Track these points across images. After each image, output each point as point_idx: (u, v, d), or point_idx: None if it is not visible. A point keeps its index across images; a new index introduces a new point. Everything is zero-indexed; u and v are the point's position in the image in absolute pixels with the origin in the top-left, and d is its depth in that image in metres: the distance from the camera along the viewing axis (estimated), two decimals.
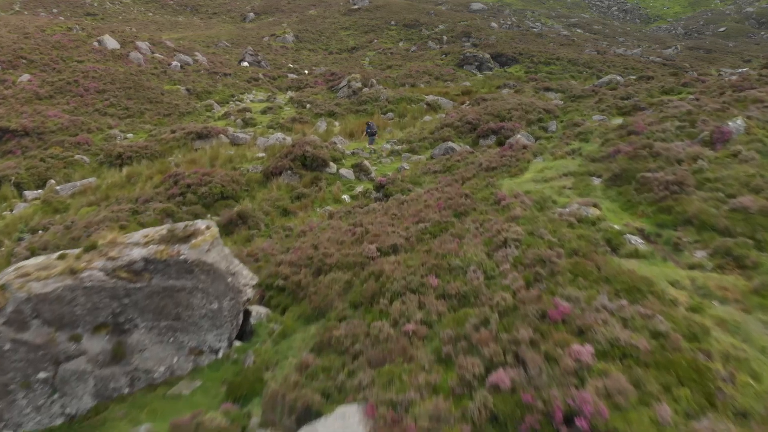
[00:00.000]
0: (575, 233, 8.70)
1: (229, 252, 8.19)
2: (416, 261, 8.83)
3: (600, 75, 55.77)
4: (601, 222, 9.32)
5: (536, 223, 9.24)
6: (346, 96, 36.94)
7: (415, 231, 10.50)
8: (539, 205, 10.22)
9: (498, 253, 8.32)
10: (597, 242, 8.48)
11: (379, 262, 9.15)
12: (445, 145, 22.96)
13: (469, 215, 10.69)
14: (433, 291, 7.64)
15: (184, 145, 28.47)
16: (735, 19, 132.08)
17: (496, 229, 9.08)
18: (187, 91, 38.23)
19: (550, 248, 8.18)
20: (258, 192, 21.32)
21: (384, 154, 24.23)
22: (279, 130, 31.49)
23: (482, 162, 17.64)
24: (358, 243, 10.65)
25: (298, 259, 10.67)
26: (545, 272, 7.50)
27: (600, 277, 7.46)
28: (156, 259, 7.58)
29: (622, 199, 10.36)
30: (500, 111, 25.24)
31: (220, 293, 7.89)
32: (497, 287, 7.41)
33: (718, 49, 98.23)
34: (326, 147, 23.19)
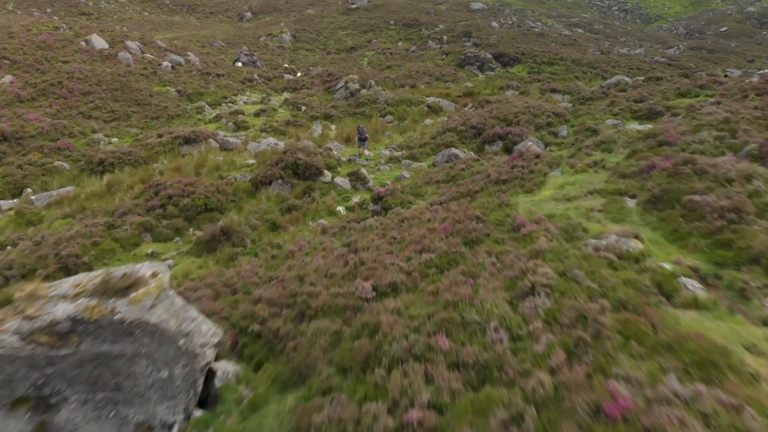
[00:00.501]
0: (619, 277, 6.94)
1: (182, 304, 6.42)
2: (421, 308, 7.08)
3: (605, 75, 54.04)
4: (647, 259, 7.57)
5: (567, 260, 7.49)
6: (344, 98, 35.17)
7: (418, 263, 8.74)
8: (567, 235, 8.46)
9: (525, 303, 6.56)
10: (648, 289, 6.72)
11: (374, 308, 7.39)
12: (448, 151, 21.21)
13: (482, 244, 8.93)
14: (444, 357, 5.88)
15: (171, 151, 26.71)
16: (736, 19, 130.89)
17: (519, 268, 7.33)
18: (178, 92, 36.45)
19: (591, 298, 6.43)
20: (246, 203, 19.56)
21: (382, 161, 22.48)
22: (272, 133, 29.72)
23: (490, 173, 15.88)
24: (351, 277, 8.89)
25: (279, 297, 8.91)
26: (589, 335, 5.75)
27: (659, 343, 5.72)
28: (85, 319, 5.82)
29: (665, 227, 8.60)
30: (506, 114, 23.48)
31: (170, 359, 6.13)
32: (528, 357, 5.65)
33: (720, 49, 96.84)
34: (320, 153, 21.43)
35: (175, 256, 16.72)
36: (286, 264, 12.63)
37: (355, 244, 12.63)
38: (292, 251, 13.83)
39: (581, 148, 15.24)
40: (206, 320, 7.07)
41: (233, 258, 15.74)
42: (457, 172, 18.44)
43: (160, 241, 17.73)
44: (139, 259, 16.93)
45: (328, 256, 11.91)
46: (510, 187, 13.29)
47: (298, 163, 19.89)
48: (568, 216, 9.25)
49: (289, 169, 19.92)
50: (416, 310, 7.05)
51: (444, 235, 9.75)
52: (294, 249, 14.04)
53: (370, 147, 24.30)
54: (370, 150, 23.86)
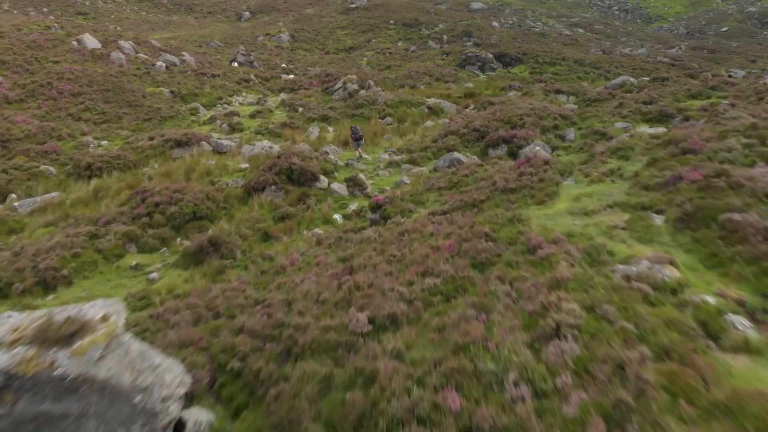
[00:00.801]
0: (657, 315, 5.89)
1: (139, 352, 5.37)
2: (425, 351, 6.03)
3: (608, 76, 53.01)
4: (686, 290, 6.52)
5: (594, 292, 6.44)
6: (342, 99, 34.11)
7: (420, 289, 7.70)
8: (591, 259, 7.42)
9: (549, 348, 5.51)
10: (692, 331, 5.68)
11: (371, 348, 6.34)
12: (450, 155, 20.15)
13: (493, 267, 7.89)
14: (454, 420, 4.83)
15: (162, 154, 25.65)
16: (737, 18, 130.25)
17: (539, 301, 6.28)
18: (171, 93, 35.37)
19: (627, 343, 5.39)
20: (237, 210, 18.50)
21: (381, 166, 21.42)
22: (267, 136, 28.66)
23: (496, 180, 14.82)
24: (344, 305, 7.84)
25: (263, 327, 7.86)
26: (631, 395, 4.71)
27: (714, 403, 4.68)
28: (20, 374, 4.77)
29: (701, 250, 7.55)
30: (511, 117, 22.43)
31: (125, 418, 5.09)
32: (557, 422, 4.61)
33: (721, 49, 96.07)
34: (316, 158, 20.37)
35: (161, 268, 15.66)
36: (276, 281, 11.57)
37: (350, 260, 11.58)
38: (284, 266, 12.77)
39: (594, 154, 14.19)
40: (173, 365, 6.02)
41: (222, 271, 14.68)
42: (460, 179, 17.38)
43: (146, 252, 16.67)
44: (123, 271, 15.88)
45: (322, 274, 10.86)
46: (519, 197, 12.23)
47: (292, 168, 18.84)
48: (589, 235, 8.20)
49: (283, 174, 18.87)
50: (420, 353, 5.99)
51: (449, 255, 8.70)
52: (286, 263, 12.98)
53: (369, 151, 23.26)
54: (369, 154, 22.81)
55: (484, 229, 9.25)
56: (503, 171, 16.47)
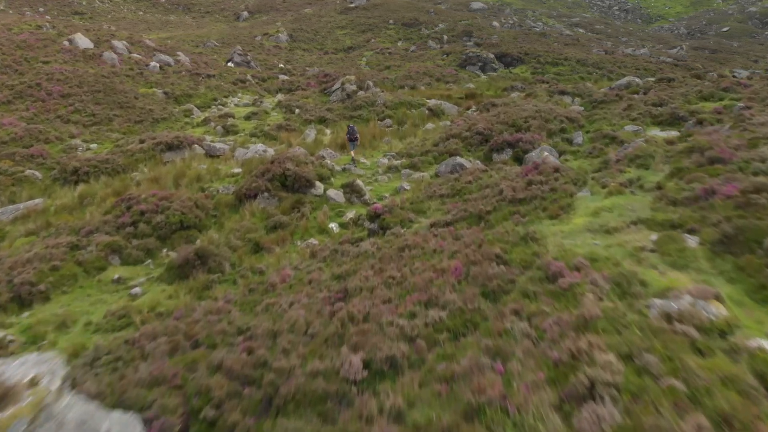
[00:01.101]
0: (710, 367, 4.87)
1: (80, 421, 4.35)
2: (430, 409, 5.01)
3: (611, 76, 52.00)
4: (736, 332, 5.50)
5: (630, 335, 5.43)
6: (340, 100, 33.08)
7: (424, 323, 6.68)
8: (621, 290, 6.39)
9: (582, 413, 4.49)
10: (753, 390, 4.66)
11: (365, 403, 5.31)
12: (452, 160, 19.12)
13: (507, 297, 6.87)
14: None
15: (152, 158, 24.61)
16: (738, 18, 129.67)
17: (566, 347, 5.26)
18: (165, 94, 34.33)
19: (678, 408, 4.37)
20: (228, 219, 17.46)
21: (380, 171, 20.38)
22: (262, 139, 27.64)
23: (503, 188, 13.80)
24: (336, 342, 6.82)
25: (243, 367, 6.84)
26: None
27: None
28: None
29: (747, 280, 6.53)
30: (515, 119, 21.40)
31: None
32: None
33: (723, 50, 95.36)
34: (312, 163, 19.34)
35: (145, 282, 14.63)
36: (264, 302, 10.55)
37: (346, 279, 10.56)
38: (274, 284, 11.74)
39: (608, 161, 13.15)
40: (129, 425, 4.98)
41: (208, 286, 13.65)
42: (464, 185, 16.36)
43: (130, 264, 15.64)
44: (104, 285, 14.85)
45: (314, 295, 9.84)
46: (529, 209, 11.21)
47: (286, 174, 17.81)
48: (615, 260, 7.17)
49: (277, 180, 17.84)
50: (424, 414, 4.97)
51: (456, 280, 7.68)
52: (276, 281, 11.95)
53: (368, 155, 22.23)
54: (368, 158, 21.79)
55: (495, 249, 8.22)
56: (509, 178, 15.45)
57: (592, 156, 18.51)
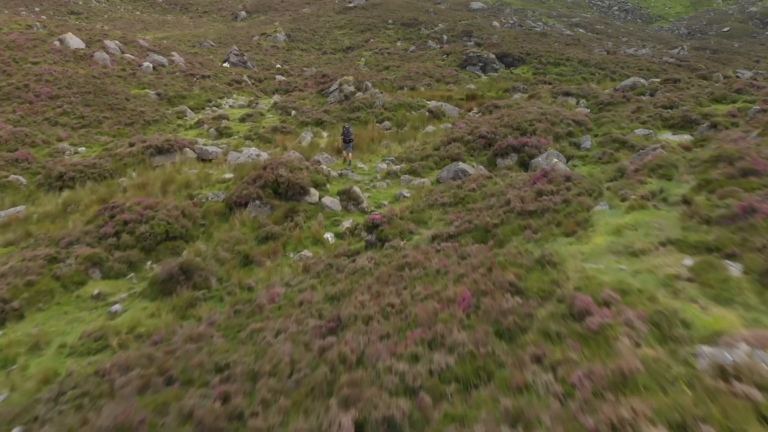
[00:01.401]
0: None
1: None
2: None
3: (614, 77, 51.03)
4: None
5: (679, 396, 4.42)
6: (337, 101, 32.06)
7: (428, 370, 5.66)
8: (661, 333, 5.38)
9: None
10: None
11: None
12: (454, 166, 18.10)
13: (525, 337, 5.86)
14: None
15: (141, 162, 23.59)
16: (738, 19, 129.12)
17: (603, 415, 4.25)
18: (158, 95, 33.29)
19: None
20: (217, 229, 16.42)
21: (378, 176, 19.36)
22: (257, 142, 26.62)
23: (510, 198, 12.78)
24: (324, 391, 5.80)
25: (215, 419, 5.82)
26: None
27: None
28: None
29: None
30: (520, 122, 20.38)
31: None
32: None
33: (724, 50, 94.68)
34: (307, 168, 18.31)
35: (126, 298, 13.61)
36: (249, 327, 9.53)
37: (339, 301, 9.56)
38: (262, 305, 10.72)
39: (624, 170, 12.13)
40: None
41: (193, 304, 12.62)
42: (467, 193, 15.35)
43: (111, 278, 14.59)
44: (83, 302, 13.80)
45: (303, 321, 8.82)
46: (542, 224, 10.19)
47: (279, 181, 16.78)
48: (650, 293, 6.15)
49: (269, 188, 16.81)
50: None
51: (464, 313, 6.66)
52: (264, 301, 10.93)
53: (366, 159, 21.21)
54: (366, 162, 20.76)
55: (507, 275, 7.20)
56: (516, 186, 14.44)
57: (602, 162, 17.52)
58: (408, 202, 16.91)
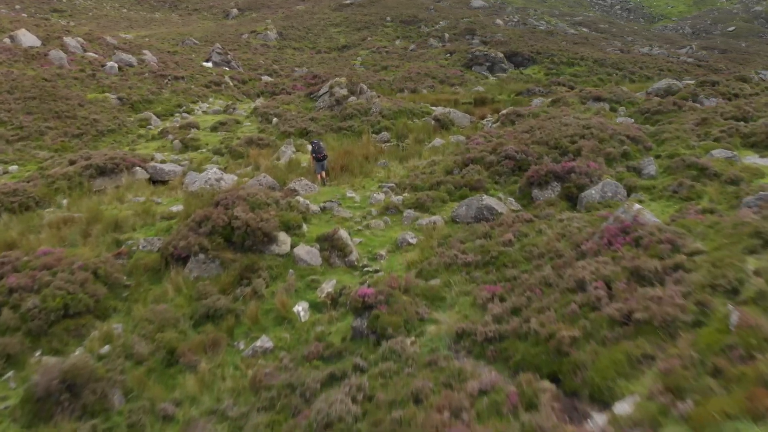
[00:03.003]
0: None
1: None
2: None
3: (633, 77, 46.06)
4: None
5: None
6: (327, 106, 27.04)
7: None
8: None
9: None
10: None
11: None
12: (477, 201, 13.08)
13: None
14: None
15: (79, 186, 18.58)
16: (743, 18, 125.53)
17: None
18: (119, 100, 28.23)
19: None
20: (145, 295, 11.42)
21: (374, 211, 14.32)
22: (227, 156, 21.63)
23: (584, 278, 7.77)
24: None
25: None
26: None
27: None
28: None
29: None
30: (559, 139, 15.38)
31: None
32: None
33: (732, 49, 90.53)
34: (277, 203, 13.26)
35: None
36: None
37: None
38: None
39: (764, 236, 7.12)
40: None
41: None
42: (501, 249, 10.35)
43: None
44: None
45: None
46: (652, 341, 5.20)
47: (234, 225, 11.78)
48: None
49: (219, 234, 11.80)
50: None
51: None
52: None
53: (358, 185, 16.18)
54: (358, 190, 15.72)
55: None
56: (578, 243, 9.46)
57: (679, 197, 12.54)
58: (414, 253, 11.92)
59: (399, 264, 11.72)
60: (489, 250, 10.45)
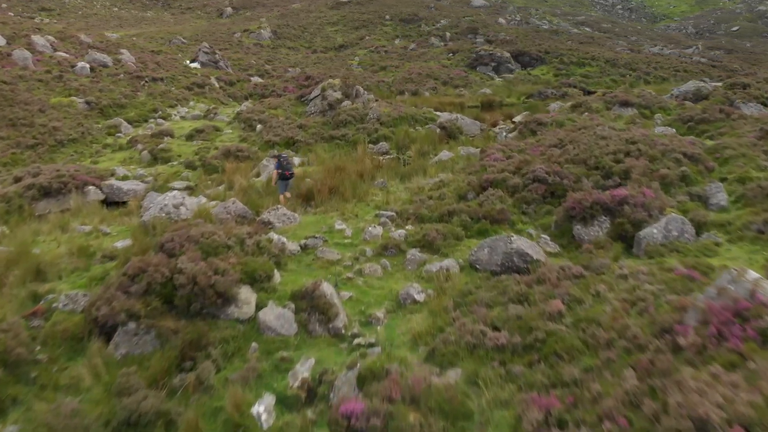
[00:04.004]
0: None
1: None
2: None
3: (648, 78, 42.89)
4: None
5: None
6: (319, 112, 23.87)
7: None
8: None
9: None
10: None
11: None
12: (503, 242, 9.86)
13: None
14: None
15: (19, 210, 15.40)
16: (747, 18, 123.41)
17: None
18: (87, 104, 25.05)
19: None
20: (57, 377, 8.27)
21: (369, 251, 11.12)
22: (200, 171, 18.45)
23: (699, 411, 4.65)
24: None
25: None
26: None
27: None
28: None
29: None
30: (599, 157, 12.20)
31: None
32: None
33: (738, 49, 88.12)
34: (242, 243, 10.09)
35: None
36: None
37: None
38: None
39: None
40: None
41: None
42: (549, 328, 7.19)
43: None
44: None
45: None
46: None
47: (176, 282, 8.61)
48: None
49: (157, 295, 8.63)
50: None
51: None
52: None
53: (349, 213, 12.96)
54: (348, 220, 12.52)
55: None
56: (662, 325, 6.32)
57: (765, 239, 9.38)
58: (422, 317, 8.77)
59: (402, 335, 8.56)
60: (530, 327, 7.28)
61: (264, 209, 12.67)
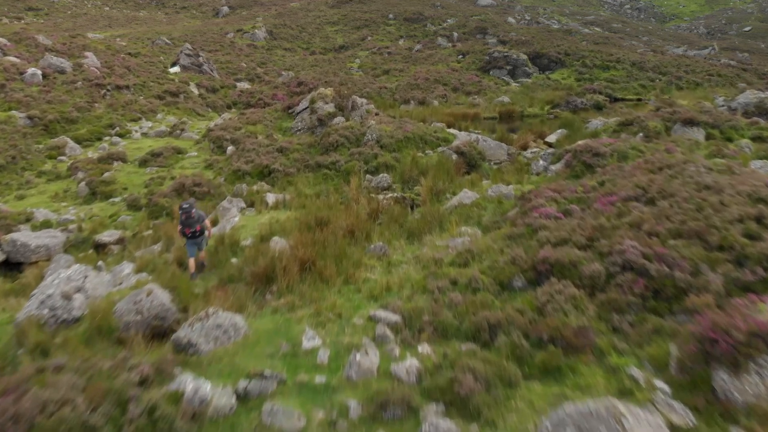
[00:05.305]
0: None
1: None
2: None
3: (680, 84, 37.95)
4: None
5: None
6: (307, 128, 19.18)
7: None
8: None
9: None
10: None
11: None
12: (601, 423, 5.26)
13: None
14: None
15: None
16: (759, 18, 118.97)
17: None
18: (29, 120, 20.43)
19: None
20: None
21: (353, 406, 6.44)
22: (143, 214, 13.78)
23: None
24: None
25: None
26: None
27: None
28: None
29: None
30: (724, 230, 7.50)
31: None
32: None
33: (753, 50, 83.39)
34: (124, 407, 5.51)
35: None
36: None
37: None
38: None
39: None
40: None
41: None
42: None
43: None
44: None
45: None
46: None
47: None
48: None
49: None
50: None
51: None
52: None
53: (327, 311, 8.25)
54: (326, 325, 7.84)
55: None
56: None
57: None
58: None
59: None
60: None
61: (193, 304, 7.97)
